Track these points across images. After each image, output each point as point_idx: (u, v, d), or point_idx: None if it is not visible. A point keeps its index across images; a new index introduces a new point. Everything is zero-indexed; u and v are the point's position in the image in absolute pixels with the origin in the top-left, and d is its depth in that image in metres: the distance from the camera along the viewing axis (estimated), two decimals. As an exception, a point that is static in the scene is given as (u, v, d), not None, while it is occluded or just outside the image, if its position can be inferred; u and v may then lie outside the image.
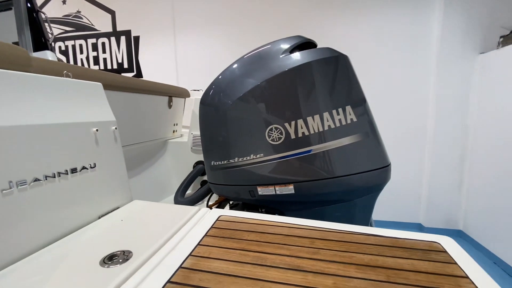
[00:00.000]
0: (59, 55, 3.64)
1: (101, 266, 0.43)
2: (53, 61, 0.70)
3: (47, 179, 0.51)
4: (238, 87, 0.83)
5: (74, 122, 0.59)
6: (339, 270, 0.41)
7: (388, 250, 0.47)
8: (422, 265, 0.42)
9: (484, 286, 0.37)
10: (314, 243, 0.49)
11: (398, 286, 0.37)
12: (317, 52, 0.80)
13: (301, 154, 0.79)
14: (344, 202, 0.83)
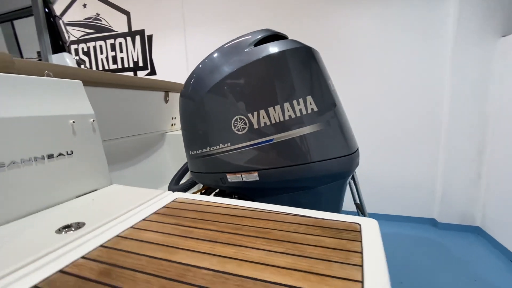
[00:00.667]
0: (83, 56, 3.93)
1: (56, 233, 0.52)
2: (35, 62, 0.81)
3: (24, 162, 0.61)
4: (207, 81, 0.88)
5: (51, 115, 0.69)
6: (248, 242, 0.45)
7: (305, 228, 0.50)
8: (327, 241, 0.45)
9: (370, 261, 0.39)
10: (242, 221, 0.54)
11: (290, 257, 0.41)
12: (278, 45, 0.82)
13: (263, 143, 0.83)
14: (308, 189, 0.86)
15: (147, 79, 1.42)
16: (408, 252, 2.34)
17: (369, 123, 2.84)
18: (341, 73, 2.82)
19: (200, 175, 1.01)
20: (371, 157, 2.90)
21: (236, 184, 0.91)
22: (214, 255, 0.42)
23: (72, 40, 3.91)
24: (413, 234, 2.64)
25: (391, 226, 2.82)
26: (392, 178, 2.87)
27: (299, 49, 0.82)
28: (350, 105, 2.85)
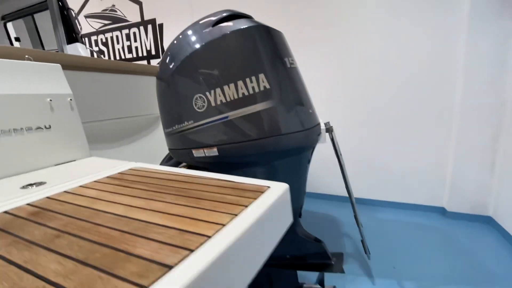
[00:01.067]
0: (102, 46, 4.17)
1: (20, 189, 0.63)
2: (16, 48, 0.92)
3: (3, 132, 0.73)
4: (174, 63, 0.95)
5: (28, 94, 0.80)
6: (160, 197, 0.52)
7: (219, 189, 0.56)
8: (228, 198, 0.51)
9: (249, 212, 0.44)
10: (172, 183, 0.61)
11: (185, 207, 0.48)
12: (231, 25, 0.86)
13: (220, 120, 0.88)
14: (264, 164, 0.91)
15: (141, 65, 1.52)
16: (410, 239, 2.29)
17: (375, 106, 2.74)
18: (347, 54, 2.74)
19: (174, 151, 1.09)
20: (378, 142, 2.82)
21: (201, 159, 0.98)
22: (125, 205, 0.50)
23: (91, 31, 4.16)
24: (419, 222, 2.57)
25: (397, 214, 2.76)
26: (400, 164, 2.78)
27: (249, 29, 0.84)
28: (355, 87, 2.77)
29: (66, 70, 1.00)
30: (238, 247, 0.39)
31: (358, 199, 3.05)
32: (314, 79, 2.92)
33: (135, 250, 0.35)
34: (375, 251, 2.12)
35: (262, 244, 0.47)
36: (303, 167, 0.99)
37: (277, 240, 0.53)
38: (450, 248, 2.14)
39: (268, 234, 0.49)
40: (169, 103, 1.00)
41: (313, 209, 2.95)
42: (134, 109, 1.47)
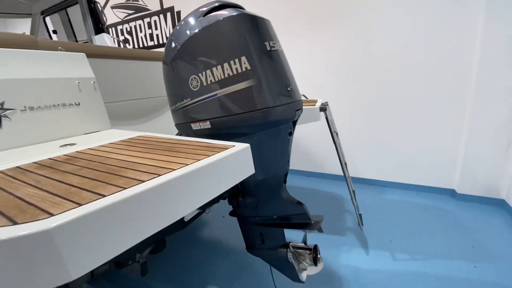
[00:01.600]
0: (127, 35, 4.47)
1: (59, 147, 0.86)
2: (53, 41, 1.15)
3: (43, 107, 0.97)
4: (174, 49, 1.12)
5: (61, 78, 1.02)
6: (152, 151, 0.71)
7: (194, 147, 0.73)
8: (198, 151, 0.68)
9: (204, 160, 0.62)
10: (161, 145, 0.80)
11: (163, 156, 0.66)
12: (217, 15, 1.00)
13: (210, 97, 1.05)
14: (248, 135, 1.07)
15: (152, 52, 1.73)
16: (414, 218, 2.33)
17: (385, 85, 2.73)
18: (356, 32, 2.72)
19: (178, 126, 1.29)
20: (388, 122, 2.82)
21: (198, 131, 1.17)
22: (127, 155, 0.69)
23: (117, 21, 4.46)
24: (427, 203, 2.59)
25: (405, 195, 2.79)
26: (410, 145, 2.78)
27: (232, 17, 0.98)
28: (363, 66, 2.77)
29: (90, 58, 1.22)
30: (195, 175, 0.56)
31: (366, 180, 3.11)
32: (322, 59, 2.95)
33: (126, 174, 0.54)
34: (374, 226, 2.22)
35: (218, 178, 0.64)
36: (283, 138, 1.13)
37: (236, 180, 0.70)
38: (454, 228, 2.17)
39: (224, 174, 0.66)
40: (172, 84, 1.18)
41: (318, 187, 3.08)
42: (148, 91, 1.69)
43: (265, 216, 1.32)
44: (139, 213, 0.45)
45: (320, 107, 1.73)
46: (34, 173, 0.59)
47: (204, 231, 2.33)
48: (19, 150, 0.87)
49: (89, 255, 0.38)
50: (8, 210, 0.41)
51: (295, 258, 1.29)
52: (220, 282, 1.71)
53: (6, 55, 0.91)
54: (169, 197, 0.51)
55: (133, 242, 0.45)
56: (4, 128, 0.87)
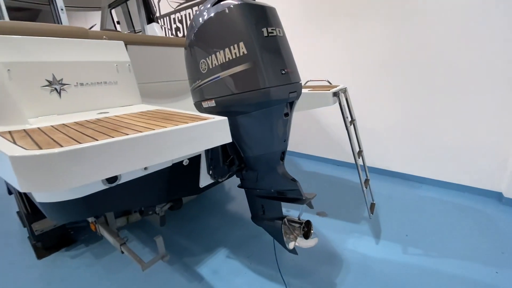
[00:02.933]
0: (178, 23, 4.89)
1: (97, 114, 1.14)
2: (99, 31, 1.43)
3: (90, 84, 1.26)
4: (189, 36, 1.30)
5: (104, 61, 1.30)
6: (154, 119, 0.92)
7: (184, 117, 0.91)
8: (185, 119, 0.86)
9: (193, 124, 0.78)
10: (163, 115, 0.99)
11: (160, 121, 0.85)
12: (223, 4, 1.13)
13: (214, 79, 1.21)
14: (247, 113, 1.21)
15: (180, 39, 1.96)
16: (444, 217, 2.17)
17: (425, 72, 2.51)
18: (396, 18, 2.53)
19: (195, 104, 1.49)
20: (426, 112, 2.61)
21: (207, 109, 1.34)
22: (138, 120, 0.91)
23: (170, 11, 4.90)
24: (464, 205, 2.36)
25: (440, 193, 2.59)
26: (451, 139, 2.53)
27: (232, 7, 1.09)
28: (403, 52, 2.57)
29: (129, 45, 1.49)
30: (169, 134, 0.74)
31: (398, 173, 2.95)
32: (359, 45, 2.83)
33: (122, 130, 0.75)
34: (393, 220, 2.16)
35: (193, 138, 0.80)
36: (279, 118, 1.22)
37: (213, 143, 0.86)
38: (489, 232, 1.97)
39: (199, 136, 0.82)
40: (189, 67, 1.37)
41: (346, 177, 3.04)
42: (177, 74, 1.93)
43: (264, 189, 1.46)
44: (116, 154, 0.65)
45: (333, 92, 1.74)
46: (69, 127, 0.85)
47: (222, 203, 2.59)
48: (72, 114, 1.18)
49: (77, 174, 0.59)
50: (42, 144, 0.64)
51: (287, 229, 1.41)
52: (229, 245, 1.93)
53: (65, 43, 1.21)
54: (144, 147, 0.70)
55: (109, 174, 0.65)
56: (63, 97, 1.19)
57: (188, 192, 1.56)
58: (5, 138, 0.71)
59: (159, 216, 1.59)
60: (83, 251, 1.95)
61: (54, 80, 1.16)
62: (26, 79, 1.08)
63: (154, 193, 1.31)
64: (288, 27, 1.27)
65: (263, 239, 1.96)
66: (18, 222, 2.39)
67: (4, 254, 1.97)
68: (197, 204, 2.57)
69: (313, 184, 2.95)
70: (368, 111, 2.95)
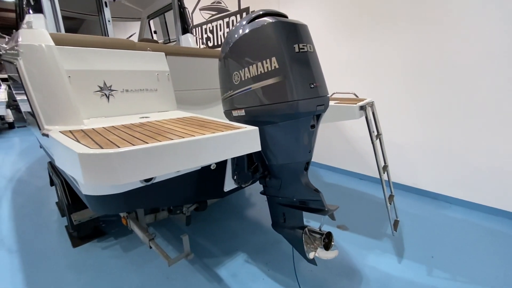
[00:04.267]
0: (209, 33, 5.13)
1: (139, 118, 1.26)
2: (145, 43, 1.58)
3: (134, 90, 1.39)
4: (224, 49, 1.40)
5: (147, 70, 1.44)
6: (191, 125, 1.00)
7: (218, 125, 0.98)
8: (218, 128, 0.93)
9: (227, 132, 0.86)
10: (198, 122, 1.08)
11: (198, 128, 0.94)
12: (258, 22, 1.22)
13: (246, 90, 1.29)
14: (275, 123, 1.27)
15: (215, 51, 2.08)
16: (474, 241, 2.06)
17: (458, 90, 2.42)
18: (430, 37, 2.49)
19: (225, 112, 1.57)
20: (458, 127, 2.50)
21: (237, 118, 1.42)
22: (176, 125, 1.01)
23: (203, 22, 5.16)
24: (496, 229, 2.22)
25: (470, 215, 2.46)
26: (483, 159, 2.41)
27: (267, 25, 1.16)
28: (435, 70, 2.51)
29: (168, 55, 1.62)
30: (207, 140, 0.82)
31: (427, 192, 2.84)
32: (388, 59, 2.80)
33: (165, 135, 0.84)
34: (419, 239, 2.09)
35: (225, 146, 0.87)
36: (305, 129, 1.26)
37: (243, 151, 0.93)
38: (519, 258, 1.85)
39: (231, 144, 0.89)
40: (222, 77, 1.46)
41: (369, 191, 2.98)
42: (210, 83, 2.05)
43: (287, 198, 1.50)
44: (164, 157, 0.73)
45: (360, 105, 1.75)
46: (119, 129, 0.96)
47: (244, 208, 2.64)
48: (117, 117, 1.31)
49: (132, 172, 0.68)
50: (101, 144, 0.75)
51: (308, 239, 1.43)
52: (248, 250, 1.98)
53: (116, 54, 1.36)
54: (186, 151, 0.78)
55: (158, 173, 0.73)
56: (111, 102, 1.33)
57: (213, 195, 1.64)
58: (69, 137, 0.83)
59: (185, 215, 1.68)
60: (113, 243, 2.09)
61: (104, 86, 1.31)
62: (82, 85, 1.23)
63: (183, 194, 1.40)
64: (315, 38, 1.33)
65: (282, 247, 1.99)
66: (57, 212, 2.62)
67: (44, 240, 2.17)
68: (219, 207, 2.65)
69: (335, 196, 2.92)
70: (395, 125, 2.89)
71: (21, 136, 6.73)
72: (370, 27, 2.86)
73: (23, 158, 4.70)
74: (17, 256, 1.97)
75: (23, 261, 1.92)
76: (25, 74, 1.09)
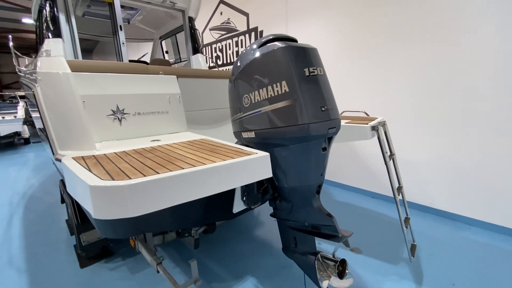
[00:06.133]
0: (218, 52, 5.27)
1: (150, 141, 1.26)
2: (157, 66, 1.62)
3: (145, 113, 1.41)
4: (235, 72, 1.41)
5: (159, 93, 1.46)
6: (201, 150, 0.99)
7: (228, 150, 0.97)
8: (229, 154, 0.92)
9: (240, 159, 0.84)
10: (209, 146, 1.07)
11: (205, 154, 0.93)
12: (268, 46, 1.23)
13: (256, 113, 1.28)
14: (285, 146, 1.25)
15: (225, 72, 2.12)
16: (497, 267, 1.94)
17: (474, 108, 2.36)
18: (442, 54, 2.47)
19: (235, 133, 1.56)
20: (477, 145, 2.42)
21: (246, 140, 1.41)
22: (186, 151, 1.00)
23: (213, 41, 5.32)
24: None
25: (490, 237, 2.33)
26: (505, 176, 2.30)
27: (277, 50, 1.17)
28: (450, 87, 2.47)
29: (180, 77, 1.65)
30: (218, 169, 0.80)
31: (444, 212, 2.72)
32: (403, 75, 2.78)
33: (176, 163, 0.83)
34: (438, 264, 1.97)
35: (237, 174, 0.86)
36: (316, 152, 1.24)
37: (254, 178, 0.90)
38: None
39: (243, 171, 0.87)
40: (232, 99, 1.47)
41: (383, 211, 2.87)
42: (219, 103, 2.07)
43: (298, 222, 1.45)
44: (175, 187, 0.72)
45: (371, 125, 1.72)
46: (130, 156, 0.96)
47: (254, 229, 2.58)
48: (129, 140, 1.32)
49: (143, 204, 0.67)
50: (112, 174, 0.74)
51: (321, 266, 1.37)
52: (258, 275, 1.91)
53: (129, 78, 1.40)
54: (197, 180, 0.76)
55: (169, 204, 0.71)
56: (123, 125, 1.35)
57: (222, 217, 1.61)
58: (81, 165, 0.83)
59: (194, 238, 1.64)
60: (120, 264, 2.06)
61: (117, 110, 1.33)
62: (96, 109, 1.25)
63: (192, 216, 1.37)
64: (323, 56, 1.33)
65: (293, 271, 1.91)
66: (66, 230, 2.62)
67: (52, 260, 2.16)
68: (228, 228, 2.60)
69: (347, 216, 2.83)
70: (409, 142, 2.82)
71: (36, 151, 6.92)
72: (380, 46, 2.87)
73: (37, 173, 4.80)
74: (25, 276, 1.96)
75: (31, 282, 1.90)
76: (41, 100, 1.12)
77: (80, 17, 3.21)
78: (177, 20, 3.41)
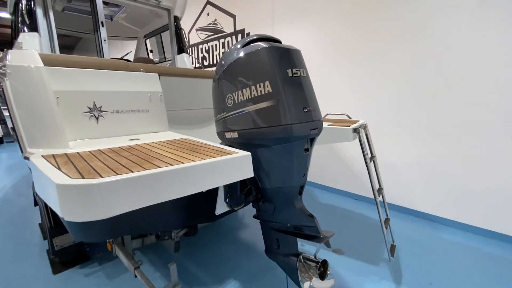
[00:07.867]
0: (205, 53, 5.22)
1: (128, 140, 1.22)
2: (138, 63, 1.57)
3: (124, 111, 1.36)
4: (218, 72, 1.39)
5: (139, 91, 1.42)
6: (181, 149, 0.97)
7: (210, 150, 0.95)
8: (209, 153, 0.90)
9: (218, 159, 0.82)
10: (189, 145, 1.05)
11: (186, 153, 0.90)
12: (251, 47, 1.22)
13: (239, 113, 1.27)
14: (268, 146, 1.24)
15: (208, 71, 2.10)
16: (473, 268, 2.02)
17: (453, 110, 2.47)
18: (421, 57, 2.57)
19: (218, 134, 1.54)
20: (454, 148, 2.52)
21: (230, 140, 1.39)
22: (165, 150, 0.97)
23: (199, 41, 5.27)
24: (494, 253, 2.18)
25: (468, 238, 2.42)
26: (481, 178, 2.41)
27: (260, 50, 1.17)
28: (428, 90, 2.57)
29: (162, 76, 1.61)
30: (197, 168, 0.78)
31: (423, 213, 2.81)
32: (383, 76, 2.87)
33: (153, 162, 0.80)
34: (416, 264, 2.03)
35: (217, 173, 0.84)
36: (299, 153, 1.24)
37: (235, 178, 0.89)
38: None
39: (223, 171, 0.85)
40: (216, 99, 1.45)
41: (365, 212, 2.93)
42: (203, 103, 2.05)
43: (280, 223, 1.44)
44: (150, 186, 0.69)
45: (353, 128, 1.75)
46: (105, 154, 0.92)
47: (237, 231, 2.55)
48: (106, 139, 1.27)
49: (116, 204, 0.63)
50: (83, 172, 0.70)
51: (302, 267, 1.36)
52: (241, 278, 1.88)
53: (108, 75, 1.34)
54: (175, 179, 0.74)
55: (144, 204, 0.68)
56: (100, 123, 1.29)
57: (204, 219, 1.57)
58: (50, 163, 0.78)
59: (174, 241, 1.60)
60: (96, 270, 1.97)
61: (94, 107, 1.28)
62: (71, 106, 1.20)
63: (172, 218, 1.33)
64: (307, 59, 1.34)
65: (276, 273, 1.90)
66: (39, 234, 2.48)
67: (23, 266, 2.03)
68: (210, 230, 2.55)
69: (329, 218, 2.86)
70: (389, 145, 2.90)
71: (9, 151, 6.54)
72: (364, 50, 2.95)
73: (9, 175, 4.53)
74: (-9, 285, 1.83)
75: (-3, 290, 1.78)
76: (10, 95, 1.05)
77: (60, 12, 3.08)
78: (162, 19, 3.35)
